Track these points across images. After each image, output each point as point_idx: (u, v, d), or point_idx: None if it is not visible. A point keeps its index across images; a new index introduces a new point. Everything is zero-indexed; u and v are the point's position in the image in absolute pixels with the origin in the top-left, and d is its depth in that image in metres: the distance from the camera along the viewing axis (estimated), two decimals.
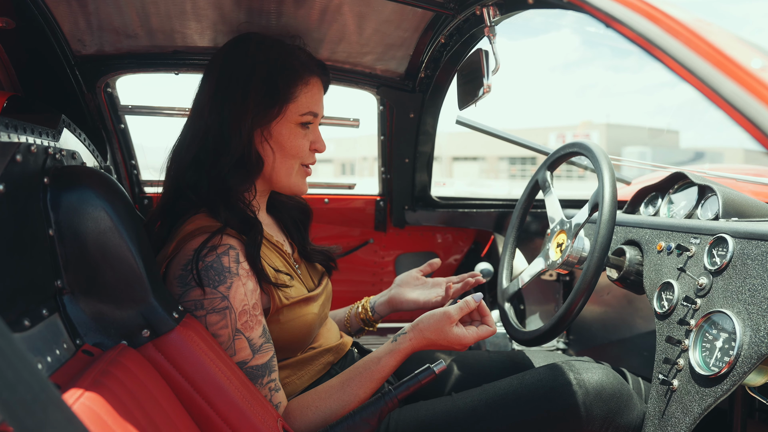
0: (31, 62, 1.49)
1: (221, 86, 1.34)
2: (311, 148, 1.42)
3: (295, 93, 1.36)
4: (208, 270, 1.20)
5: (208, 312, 1.20)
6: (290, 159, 1.39)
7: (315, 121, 1.42)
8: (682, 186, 1.85)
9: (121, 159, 2.04)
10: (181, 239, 1.24)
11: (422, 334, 1.34)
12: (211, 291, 1.20)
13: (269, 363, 1.27)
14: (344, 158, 58.32)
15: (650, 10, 0.69)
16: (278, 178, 1.40)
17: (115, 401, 0.84)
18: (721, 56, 0.59)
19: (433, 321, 1.34)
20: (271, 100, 1.33)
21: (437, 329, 1.33)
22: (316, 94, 1.41)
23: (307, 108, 1.37)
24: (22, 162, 0.93)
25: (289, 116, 1.36)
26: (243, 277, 1.23)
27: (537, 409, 1.37)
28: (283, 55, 1.36)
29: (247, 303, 1.23)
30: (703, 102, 0.61)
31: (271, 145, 1.36)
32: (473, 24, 1.60)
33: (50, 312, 0.96)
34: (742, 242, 1.28)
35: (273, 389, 1.27)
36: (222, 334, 1.21)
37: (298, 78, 1.36)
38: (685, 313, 1.35)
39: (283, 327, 1.33)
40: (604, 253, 1.34)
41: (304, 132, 1.39)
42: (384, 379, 1.34)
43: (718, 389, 1.19)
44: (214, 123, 1.32)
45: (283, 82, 1.34)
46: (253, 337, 1.24)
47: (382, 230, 2.51)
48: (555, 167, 1.70)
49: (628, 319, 1.99)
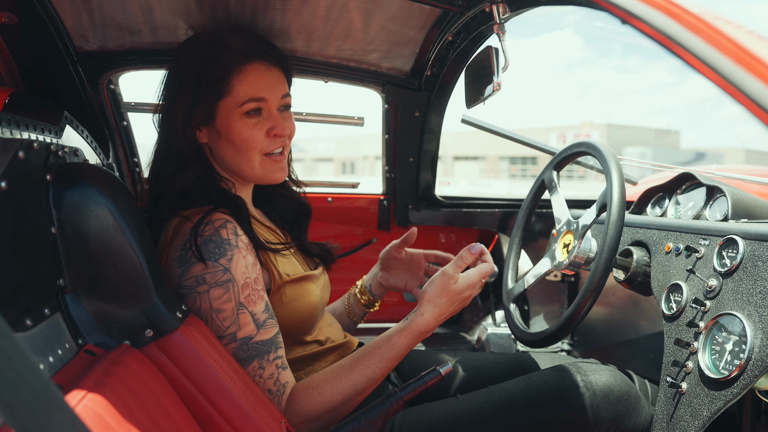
0: (33, 58, 1.48)
1: (165, 92, 1.38)
2: (270, 134, 1.37)
3: (228, 86, 1.32)
4: (208, 243, 1.20)
5: (210, 286, 1.20)
6: (245, 152, 1.35)
7: (266, 105, 1.36)
8: (690, 186, 1.83)
9: (124, 156, 2.02)
10: (176, 225, 1.25)
11: (432, 304, 1.32)
12: (213, 264, 1.20)
13: (275, 338, 1.26)
14: (345, 157, 58.32)
15: (669, 5, 0.67)
16: (243, 172, 1.39)
17: (118, 403, 0.82)
18: (743, 53, 0.58)
19: (436, 287, 1.33)
20: (199, 99, 1.32)
21: (443, 291, 1.32)
22: (257, 79, 1.34)
23: (245, 96, 1.32)
24: (25, 159, 0.91)
25: (229, 109, 1.33)
26: (243, 250, 1.23)
27: (544, 412, 1.35)
28: (209, 52, 1.33)
29: (249, 276, 1.23)
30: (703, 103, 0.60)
31: (223, 141, 1.35)
32: (482, 21, 1.58)
33: (52, 311, 0.94)
34: (752, 244, 1.26)
35: (280, 366, 1.26)
36: (226, 309, 1.20)
37: (227, 71, 1.32)
38: (694, 315, 1.33)
39: (287, 308, 1.33)
40: (612, 255, 1.32)
41: (255, 121, 1.35)
42: (396, 359, 1.31)
43: (728, 393, 1.18)
44: (161, 130, 1.38)
45: (208, 80, 1.31)
46: (257, 312, 1.23)
47: (385, 229, 2.50)
48: (562, 167, 1.68)
49: (634, 321, 1.98)
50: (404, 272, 1.70)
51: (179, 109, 1.33)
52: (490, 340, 2.26)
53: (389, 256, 1.69)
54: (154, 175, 1.39)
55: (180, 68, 1.36)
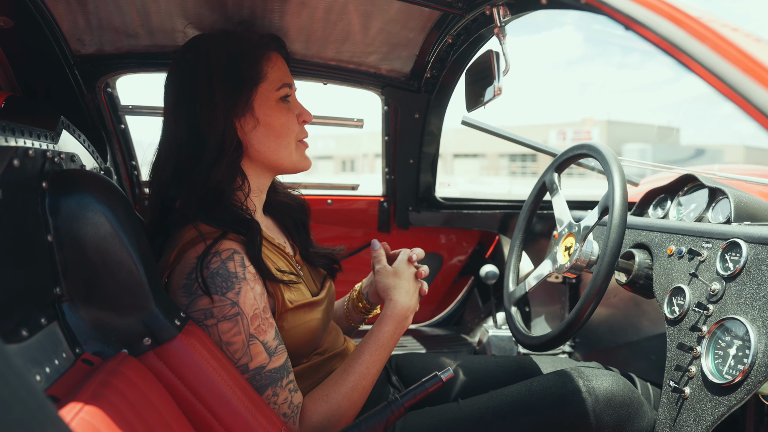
0: (29, 62, 1.47)
1: (183, 94, 1.30)
2: (299, 121, 1.39)
3: (263, 71, 1.32)
4: (215, 277, 1.16)
5: (219, 320, 1.17)
6: (284, 137, 1.35)
7: (292, 92, 1.38)
8: (692, 188, 1.82)
9: (122, 160, 2.01)
10: (181, 247, 1.20)
11: (392, 289, 1.40)
12: (220, 298, 1.16)
13: (286, 364, 1.25)
14: (344, 155, 58.31)
15: (673, 12, 0.66)
16: (280, 160, 1.36)
17: (116, 415, 0.81)
18: (751, 62, 0.56)
19: (382, 277, 1.42)
20: (240, 87, 1.29)
21: (389, 275, 1.42)
22: (282, 66, 1.36)
23: (280, 81, 1.33)
24: (20, 167, 0.90)
25: (267, 95, 1.32)
26: (251, 281, 1.20)
27: (546, 417, 1.34)
28: (235, 42, 1.32)
29: (258, 307, 1.20)
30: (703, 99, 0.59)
31: (261, 130, 1.32)
32: (482, 24, 1.57)
33: (49, 320, 0.93)
34: (756, 247, 1.25)
35: (293, 390, 1.25)
36: (236, 341, 1.18)
37: (259, 57, 1.32)
38: (697, 319, 1.32)
39: (287, 333, 1.30)
40: (614, 258, 1.31)
41: (287, 107, 1.36)
42: (383, 348, 1.34)
43: (731, 398, 1.17)
44: (184, 129, 1.28)
45: (246, 66, 1.30)
46: (268, 341, 1.21)
47: (385, 231, 2.49)
48: (563, 169, 1.67)
49: (636, 323, 1.97)
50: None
51: (216, 103, 1.26)
52: (491, 342, 2.25)
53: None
54: (162, 180, 1.32)
55: (201, 63, 1.29)
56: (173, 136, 1.31)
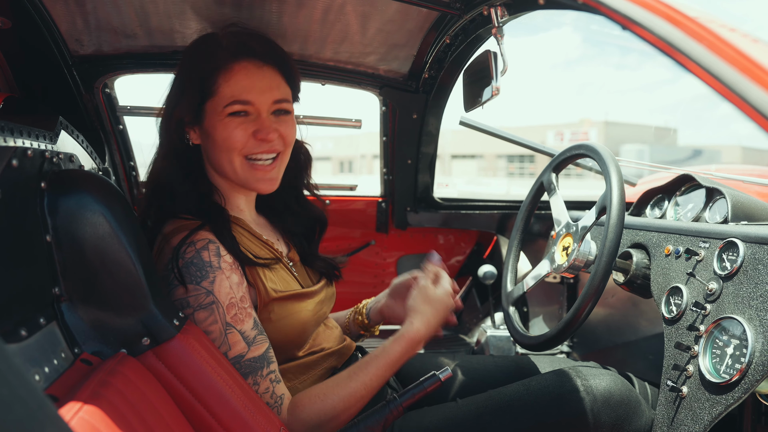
0: (27, 62, 1.47)
1: (167, 96, 1.39)
2: (256, 137, 1.32)
3: (214, 87, 1.30)
4: (189, 266, 1.19)
5: (195, 309, 1.18)
6: (225, 152, 1.31)
7: (252, 108, 1.32)
8: (689, 188, 1.83)
9: (120, 160, 2.01)
10: (161, 240, 1.24)
11: (419, 313, 1.39)
12: (195, 287, 1.18)
13: (266, 354, 1.25)
14: (343, 156, 58.30)
15: (670, 12, 0.66)
16: (227, 174, 1.35)
17: (115, 414, 0.81)
18: (748, 62, 0.57)
19: (418, 297, 1.41)
20: (190, 98, 1.32)
21: (425, 300, 1.41)
22: (243, 79, 1.30)
23: (230, 97, 1.29)
24: (19, 167, 0.90)
25: (215, 110, 1.31)
26: (226, 270, 1.21)
27: (544, 416, 1.34)
28: (201, 52, 1.33)
29: (234, 296, 1.21)
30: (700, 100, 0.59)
31: (209, 142, 1.34)
32: (480, 24, 1.58)
33: (48, 320, 0.93)
34: (753, 247, 1.25)
35: (274, 380, 1.25)
36: (213, 330, 1.19)
37: (213, 71, 1.30)
38: (695, 318, 1.33)
39: (275, 325, 1.31)
40: (612, 258, 1.32)
41: (239, 121, 1.31)
42: (391, 366, 1.33)
43: (729, 397, 1.17)
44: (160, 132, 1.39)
45: (199, 80, 1.31)
46: (245, 330, 1.22)
47: (383, 232, 2.49)
48: (561, 169, 1.67)
49: (633, 323, 1.97)
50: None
51: (172, 109, 1.34)
52: (490, 342, 2.25)
53: (405, 285, 1.61)
54: (152, 179, 1.39)
55: (178, 69, 1.38)
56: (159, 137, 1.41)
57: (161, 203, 1.32)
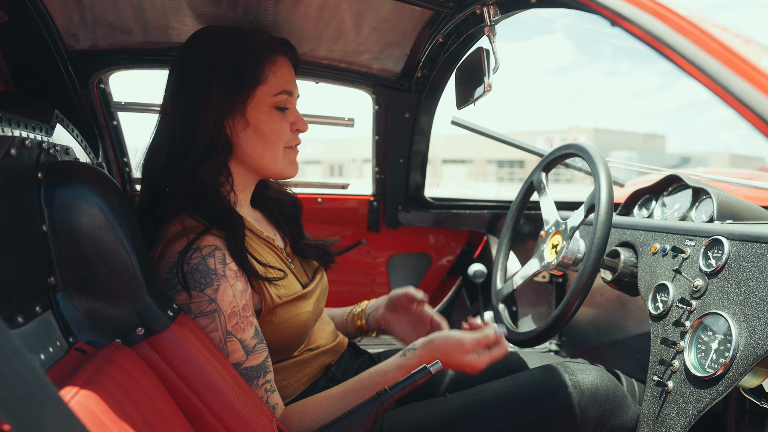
0: (23, 56, 1.47)
1: (183, 84, 1.31)
2: (293, 129, 1.39)
3: (263, 74, 1.32)
4: (194, 273, 1.18)
5: (196, 315, 1.18)
6: (272, 143, 1.35)
7: (291, 100, 1.38)
8: (676, 188, 1.86)
9: (113, 156, 2.02)
10: (166, 242, 1.22)
11: (432, 354, 1.34)
12: (198, 294, 1.18)
13: (264, 364, 1.25)
14: (333, 160, 58.27)
15: (658, 8, 0.68)
16: (265, 164, 1.37)
17: (111, 400, 0.82)
18: (731, 54, 0.59)
19: (445, 345, 1.34)
20: (237, 86, 1.29)
21: (449, 354, 1.34)
22: (286, 72, 1.37)
23: (279, 87, 1.34)
24: (17, 156, 0.91)
25: (262, 99, 1.32)
26: (231, 279, 1.20)
27: (532, 411, 1.36)
28: (243, 40, 1.32)
29: (237, 305, 1.21)
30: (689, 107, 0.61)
31: (250, 132, 1.33)
32: (472, 23, 1.60)
33: (43, 309, 0.94)
34: (737, 244, 1.28)
35: (269, 390, 1.26)
36: (213, 337, 1.19)
37: (263, 59, 1.32)
38: (680, 314, 1.35)
39: (277, 328, 1.31)
40: (600, 255, 1.34)
41: (282, 114, 1.36)
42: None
43: (713, 391, 1.19)
44: (180, 120, 1.30)
45: (248, 66, 1.30)
46: (245, 339, 1.22)
47: (375, 231, 2.50)
48: (550, 168, 1.70)
49: (621, 321, 2.00)
50: (407, 323, 1.67)
51: (211, 98, 1.28)
52: None
53: (401, 301, 1.64)
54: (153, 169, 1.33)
55: (203, 58, 1.30)
56: (169, 126, 1.32)
57: (164, 202, 1.30)
